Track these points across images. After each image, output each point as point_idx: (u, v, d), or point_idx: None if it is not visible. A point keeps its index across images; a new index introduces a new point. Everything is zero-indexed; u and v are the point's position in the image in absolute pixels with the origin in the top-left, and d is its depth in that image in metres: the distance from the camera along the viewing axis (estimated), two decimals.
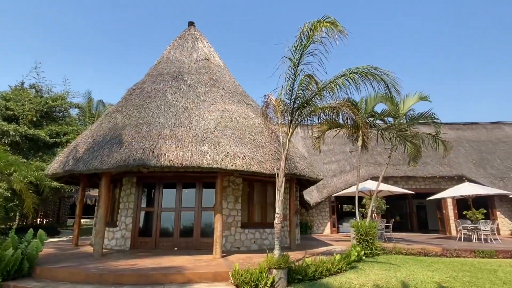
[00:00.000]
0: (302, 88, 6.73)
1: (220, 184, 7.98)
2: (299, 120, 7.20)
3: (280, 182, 6.49)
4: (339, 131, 10.91)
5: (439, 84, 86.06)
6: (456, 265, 7.72)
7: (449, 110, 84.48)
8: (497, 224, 15.73)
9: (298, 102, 6.89)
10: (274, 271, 5.41)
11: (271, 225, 9.48)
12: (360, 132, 10.15)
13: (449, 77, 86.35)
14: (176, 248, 8.90)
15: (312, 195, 17.12)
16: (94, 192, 23.59)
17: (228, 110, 9.76)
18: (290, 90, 6.75)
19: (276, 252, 6.00)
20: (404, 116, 10.84)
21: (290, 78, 6.64)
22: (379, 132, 10.98)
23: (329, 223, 17.81)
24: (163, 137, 8.01)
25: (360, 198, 12.90)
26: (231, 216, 9.31)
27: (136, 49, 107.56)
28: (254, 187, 10.11)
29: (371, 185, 13.16)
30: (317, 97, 6.81)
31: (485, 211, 13.50)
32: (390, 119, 11.18)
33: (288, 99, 6.91)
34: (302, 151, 18.35)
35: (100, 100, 23.63)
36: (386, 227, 13.27)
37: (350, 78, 6.59)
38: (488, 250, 9.42)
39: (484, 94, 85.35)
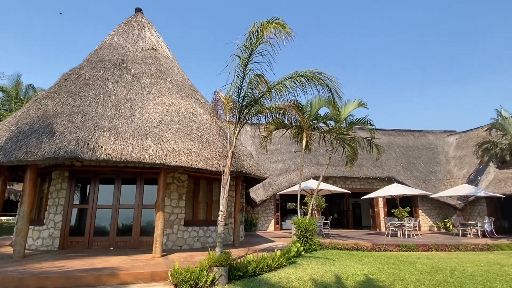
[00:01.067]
0: (251, 87, 6.80)
1: (163, 180, 7.69)
2: (247, 118, 7.27)
3: (226, 179, 6.48)
4: (286, 132, 11.29)
5: (372, 91, 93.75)
6: (383, 258, 8.50)
7: (382, 116, 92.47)
8: (419, 221, 17.74)
9: (247, 100, 6.95)
10: (215, 268, 5.39)
11: (216, 223, 9.45)
12: (304, 134, 10.60)
13: (379, 85, 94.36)
14: (112, 248, 8.36)
15: (258, 193, 17.43)
16: (19, 187, 21.11)
17: (175, 104, 9.44)
18: (238, 88, 6.78)
19: (218, 249, 5.98)
20: (344, 121, 11.59)
21: (239, 76, 6.66)
22: (322, 134, 11.62)
23: (273, 220, 18.31)
24: (101, 129, 7.45)
25: (302, 196, 13.48)
26: (174, 213, 9.03)
27: (78, 33, 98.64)
28: (199, 184, 9.95)
29: (312, 184, 13.82)
30: (266, 97, 6.94)
31: (409, 209, 15.12)
32: (332, 122, 11.86)
33: (237, 97, 6.93)
34: (251, 149, 18.58)
35: (30, 85, 20.89)
36: (325, 223, 14.05)
37: (297, 80, 6.84)
38: (410, 244, 10.55)
39: (416, 104, 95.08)
